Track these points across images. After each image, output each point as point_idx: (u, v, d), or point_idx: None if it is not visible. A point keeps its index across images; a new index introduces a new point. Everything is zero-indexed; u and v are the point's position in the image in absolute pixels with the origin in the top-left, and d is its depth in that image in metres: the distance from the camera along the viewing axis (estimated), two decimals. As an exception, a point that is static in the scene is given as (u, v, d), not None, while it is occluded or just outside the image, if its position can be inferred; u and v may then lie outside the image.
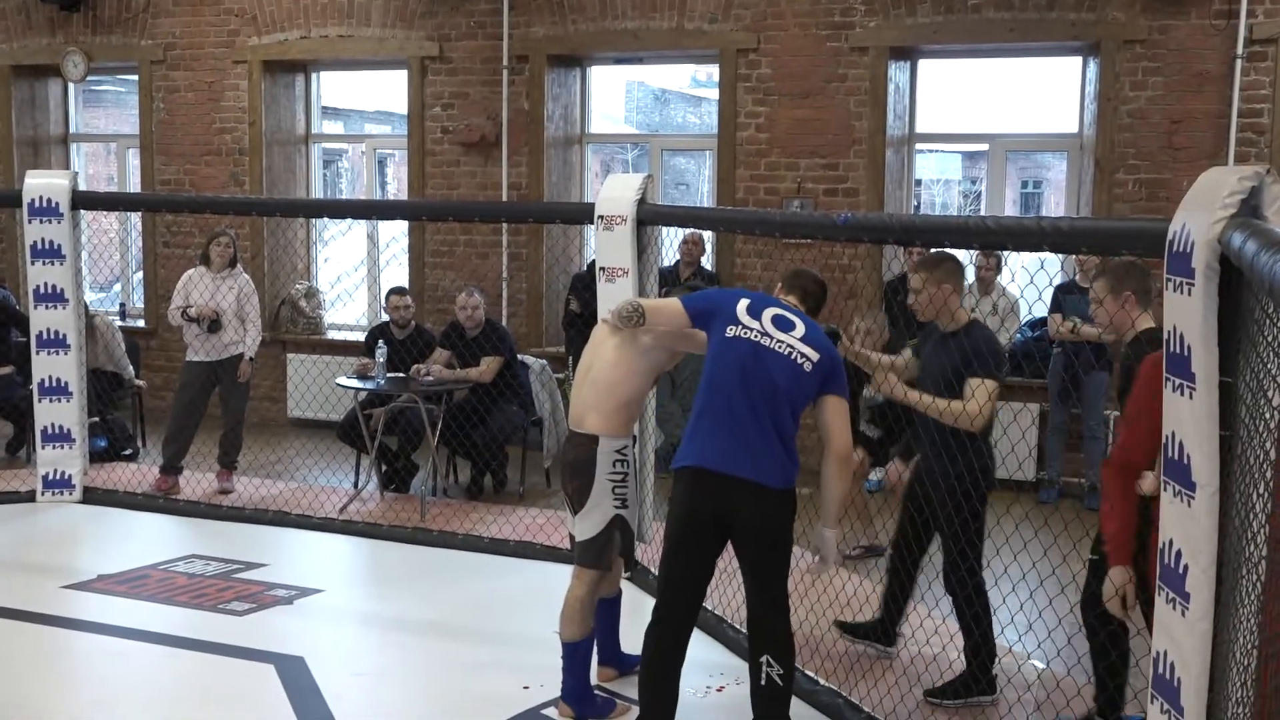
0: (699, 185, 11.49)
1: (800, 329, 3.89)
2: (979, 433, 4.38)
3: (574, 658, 4.31)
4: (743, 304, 3.94)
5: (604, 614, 4.47)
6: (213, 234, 7.64)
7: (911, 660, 4.79)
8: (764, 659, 3.84)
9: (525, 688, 4.54)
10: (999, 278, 7.70)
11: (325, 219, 10.08)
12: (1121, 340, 4.07)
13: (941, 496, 4.40)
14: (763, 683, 3.84)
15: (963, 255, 7.73)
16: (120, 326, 9.01)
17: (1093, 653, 4.13)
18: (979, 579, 4.46)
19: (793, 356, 3.82)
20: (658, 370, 4.43)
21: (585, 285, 7.61)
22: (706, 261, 8.59)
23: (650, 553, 6.03)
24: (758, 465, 3.77)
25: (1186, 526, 2.84)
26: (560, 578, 4.45)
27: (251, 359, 7.51)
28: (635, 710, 4.35)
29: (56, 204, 7.11)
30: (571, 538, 4.41)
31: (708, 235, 8.45)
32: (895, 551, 4.87)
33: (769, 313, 3.92)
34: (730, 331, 3.87)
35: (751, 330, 3.86)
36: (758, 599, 3.89)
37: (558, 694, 4.36)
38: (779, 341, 3.84)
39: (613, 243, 5.88)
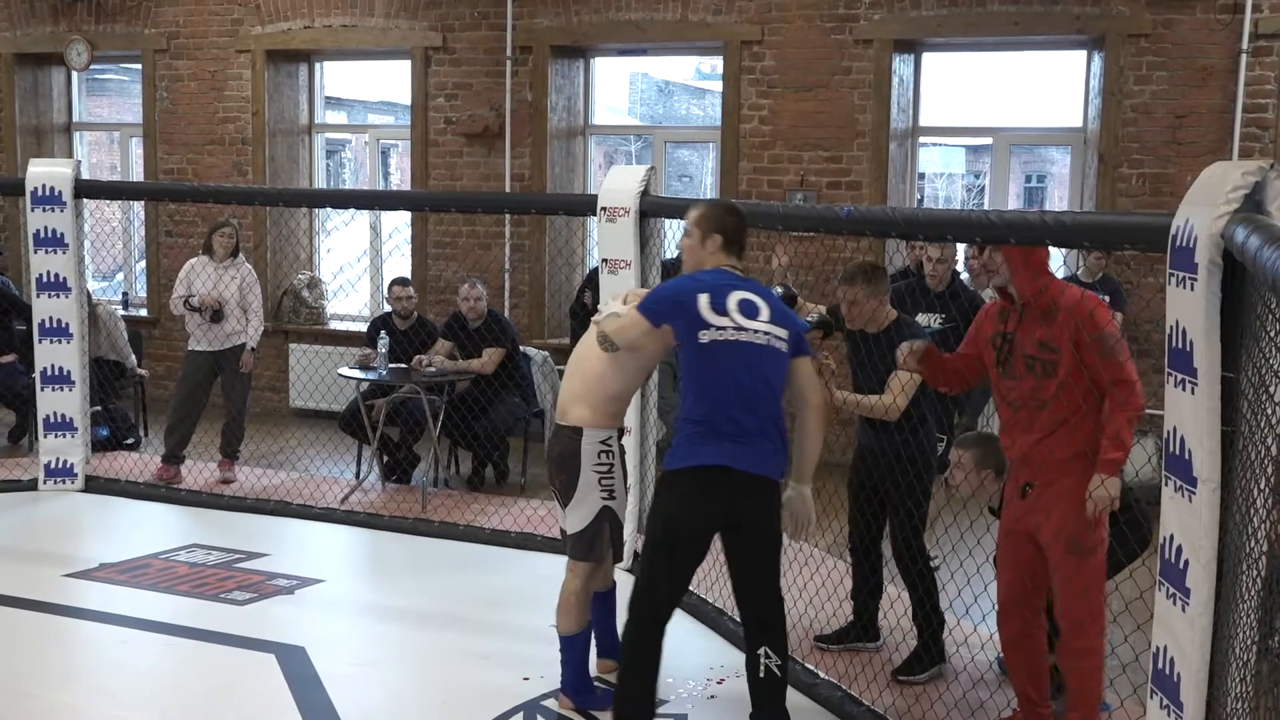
0: (702, 177, 11.46)
1: (765, 310, 3.84)
2: (925, 417, 4.66)
3: (571, 650, 4.31)
4: (703, 300, 3.80)
5: (599, 607, 4.47)
6: (216, 224, 7.64)
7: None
8: (762, 651, 3.84)
9: (525, 679, 4.54)
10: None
11: (328, 209, 10.08)
12: None
13: (895, 478, 4.60)
14: (761, 675, 3.84)
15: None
16: (123, 316, 9.02)
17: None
18: (925, 553, 4.68)
19: (771, 344, 3.80)
20: (649, 366, 4.44)
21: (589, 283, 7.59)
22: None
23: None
24: (764, 461, 3.77)
25: (1187, 522, 2.84)
26: (561, 569, 4.45)
27: (253, 349, 7.52)
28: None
29: (59, 192, 7.11)
30: (562, 531, 4.42)
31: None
32: (853, 545, 4.94)
33: (733, 300, 3.82)
34: (704, 337, 3.78)
35: (725, 330, 3.77)
36: (758, 592, 3.88)
37: (558, 685, 4.37)
38: (755, 332, 3.79)
39: (615, 234, 5.88)
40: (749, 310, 3.82)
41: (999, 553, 4.04)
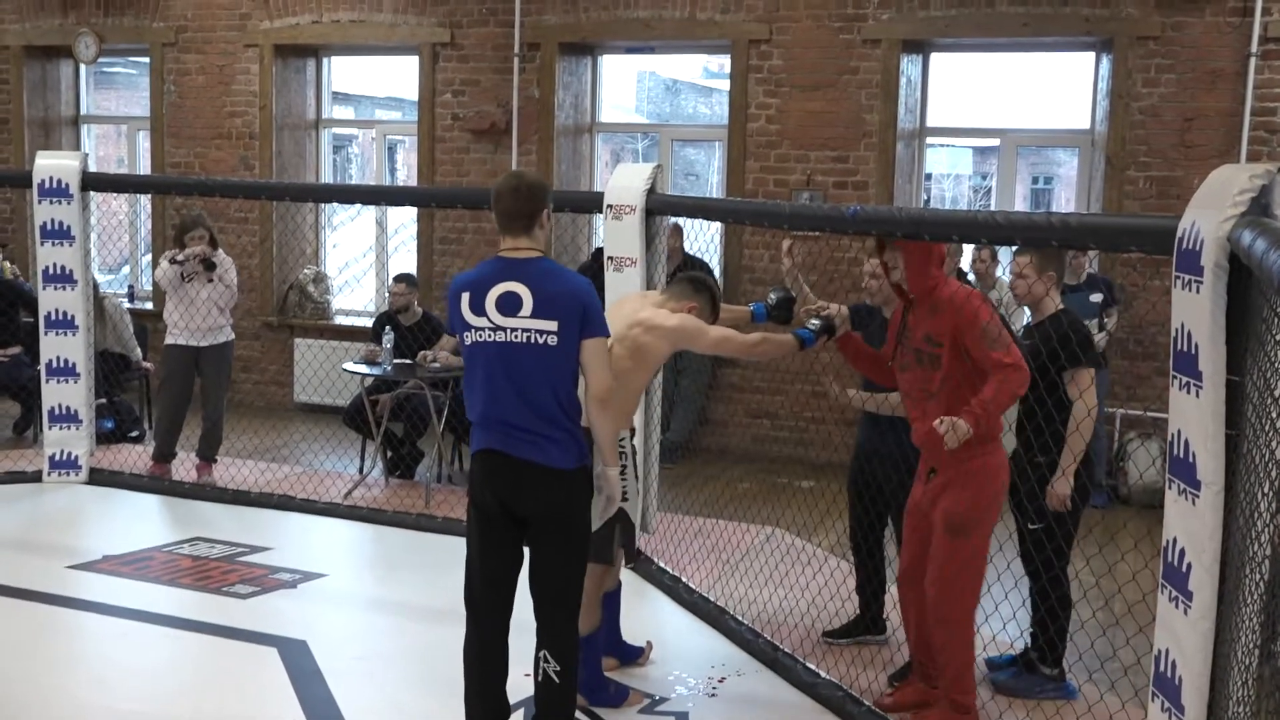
0: (708, 176, 11.45)
1: (529, 303, 3.59)
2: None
3: (586, 649, 4.30)
4: (464, 300, 3.65)
5: (605, 606, 4.48)
6: (184, 222, 7.29)
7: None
8: (542, 654, 3.73)
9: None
10: (1002, 273, 7.67)
11: (334, 204, 10.08)
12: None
13: (901, 478, 4.57)
14: (539, 679, 3.75)
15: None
16: (128, 309, 9.03)
17: (1033, 597, 4.52)
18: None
19: (532, 341, 3.58)
20: (656, 364, 4.41)
21: (593, 275, 7.57)
22: (713, 254, 8.55)
23: (654, 543, 6.04)
24: (541, 452, 3.62)
25: (1190, 525, 2.84)
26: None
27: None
28: (649, 699, 4.38)
29: (66, 185, 7.12)
30: None
31: (716, 226, 8.42)
32: (854, 540, 4.95)
33: (492, 297, 3.61)
34: (467, 339, 3.67)
35: (483, 330, 3.61)
36: (541, 590, 3.76)
37: (559, 682, 4.36)
38: (513, 331, 3.59)
39: (621, 232, 5.88)
40: (508, 306, 3.60)
41: (905, 525, 4.27)
